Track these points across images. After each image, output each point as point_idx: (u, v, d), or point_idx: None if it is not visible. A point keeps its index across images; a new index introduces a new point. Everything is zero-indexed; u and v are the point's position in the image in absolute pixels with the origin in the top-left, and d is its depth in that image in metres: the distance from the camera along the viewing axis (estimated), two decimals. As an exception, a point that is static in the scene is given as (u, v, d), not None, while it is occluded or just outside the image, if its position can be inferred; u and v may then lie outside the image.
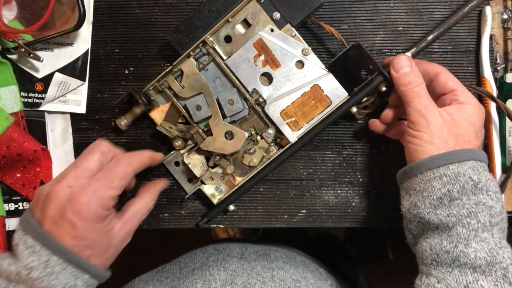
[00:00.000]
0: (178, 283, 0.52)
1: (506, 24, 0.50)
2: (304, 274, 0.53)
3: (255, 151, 0.50)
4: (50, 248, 0.38)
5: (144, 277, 0.57)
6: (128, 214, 0.44)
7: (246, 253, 0.56)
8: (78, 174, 0.41)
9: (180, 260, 0.58)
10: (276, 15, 0.46)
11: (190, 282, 0.50)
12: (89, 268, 0.40)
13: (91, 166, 0.42)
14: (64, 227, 0.39)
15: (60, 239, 0.39)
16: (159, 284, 0.53)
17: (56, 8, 0.50)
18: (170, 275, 0.55)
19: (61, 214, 0.39)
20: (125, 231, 0.44)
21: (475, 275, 0.36)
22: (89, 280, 0.41)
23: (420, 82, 0.42)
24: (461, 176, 0.39)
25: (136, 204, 0.46)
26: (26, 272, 0.38)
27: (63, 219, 0.39)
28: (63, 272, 0.39)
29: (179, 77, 0.49)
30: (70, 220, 0.39)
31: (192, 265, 0.55)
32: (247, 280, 0.50)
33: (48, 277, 0.38)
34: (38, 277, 0.38)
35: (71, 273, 0.39)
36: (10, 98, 0.51)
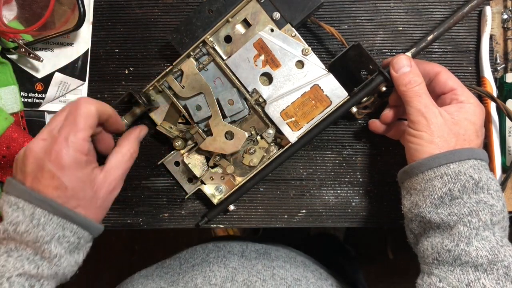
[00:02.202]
0: (178, 278, 0.52)
1: (506, 24, 0.50)
2: (304, 274, 0.53)
3: (255, 151, 0.50)
4: (33, 202, 0.39)
5: (144, 272, 0.57)
6: (108, 164, 0.44)
7: (247, 251, 0.56)
8: (50, 129, 0.41)
9: (180, 256, 0.58)
10: (276, 15, 0.46)
11: (190, 278, 0.51)
12: (76, 218, 0.40)
13: (61, 121, 0.41)
14: (45, 179, 0.39)
15: (43, 193, 0.39)
16: (159, 279, 0.53)
17: (56, 8, 0.50)
18: (170, 271, 0.55)
19: (39, 167, 0.39)
20: (109, 181, 0.43)
21: (476, 274, 0.37)
22: (79, 231, 0.40)
23: (420, 82, 0.42)
24: (462, 175, 0.39)
25: (116, 153, 0.45)
26: (12, 227, 0.38)
27: (42, 171, 0.39)
28: (49, 223, 0.39)
29: (179, 77, 0.49)
30: (49, 170, 0.39)
31: (192, 261, 0.55)
32: (247, 277, 0.50)
33: (35, 229, 0.38)
34: (25, 230, 0.38)
35: (58, 224, 0.39)
36: (10, 98, 0.51)
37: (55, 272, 0.39)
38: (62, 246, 0.39)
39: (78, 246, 0.41)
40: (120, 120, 0.48)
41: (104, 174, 0.43)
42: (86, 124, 0.41)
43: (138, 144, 0.48)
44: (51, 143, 0.40)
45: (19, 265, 0.37)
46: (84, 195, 0.41)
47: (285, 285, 0.50)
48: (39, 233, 0.38)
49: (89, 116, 0.41)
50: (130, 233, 1.34)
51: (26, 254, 0.38)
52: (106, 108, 0.44)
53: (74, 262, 0.41)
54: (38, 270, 0.38)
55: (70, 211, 0.40)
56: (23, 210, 0.39)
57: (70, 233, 0.40)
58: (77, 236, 0.40)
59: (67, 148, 0.39)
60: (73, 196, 0.40)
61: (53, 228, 0.39)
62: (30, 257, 0.38)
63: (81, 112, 0.41)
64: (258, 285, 0.49)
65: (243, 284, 0.49)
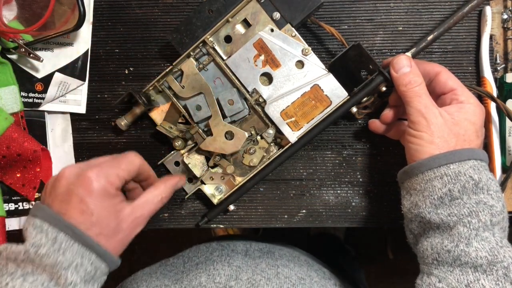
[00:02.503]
0: (182, 277, 0.52)
1: (506, 24, 0.50)
2: (308, 273, 0.54)
3: (255, 151, 0.50)
4: (58, 226, 0.39)
5: (147, 270, 0.57)
6: (138, 201, 0.44)
7: (250, 250, 0.56)
8: (89, 161, 0.43)
9: (183, 255, 0.58)
10: (276, 15, 0.46)
11: (194, 276, 0.51)
12: (96, 247, 0.40)
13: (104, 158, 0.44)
14: (72, 203, 0.39)
15: (68, 216, 0.39)
16: (163, 277, 0.53)
17: (56, 8, 0.50)
18: (173, 269, 0.55)
19: (69, 190, 0.40)
20: (134, 217, 0.43)
21: (476, 274, 0.36)
22: (97, 262, 0.40)
23: (420, 82, 0.42)
24: (461, 176, 0.39)
25: (148, 192, 0.45)
26: (34, 249, 0.38)
27: (71, 195, 0.40)
28: (69, 249, 0.38)
29: (179, 77, 0.49)
30: (78, 194, 0.39)
31: (196, 260, 0.55)
32: (251, 276, 0.50)
33: (55, 254, 0.38)
34: (46, 254, 0.38)
35: (77, 251, 0.39)
36: (10, 98, 0.51)
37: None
38: (79, 275, 0.39)
39: (94, 277, 0.41)
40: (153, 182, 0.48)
41: (131, 208, 0.43)
42: (126, 167, 0.43)
43: (172, 192, 0.47)
44: (85, 170, 0.41)
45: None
46: (107, 224, 0.41)
47: (289, 283, 0.50)
48: (59, 258, 0.38)
49: (131, 163, 0.43)
50: (130, 233, 1.34)
51: (41, 280, 0.38)
52: (148, 168, 0.46)
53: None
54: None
55: (91, 240, 0.39)
56: (46, 233, 0.39)
57: (88, 262, 0.40)
58: (94, 266, 0.40)
59: (100, 176, 0.40)
60: (97, 223, 0.40)
61: (73, 255, 0.39)
62: (45, 283, 0.38)
63: (126, 158, 0.44)
64: (262, 283, 0.49)
65: (248, 283, 0.49)
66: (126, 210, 0.42)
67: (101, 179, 0.40)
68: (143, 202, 0.44)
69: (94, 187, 0.40)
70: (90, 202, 0.39)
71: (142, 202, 0.44)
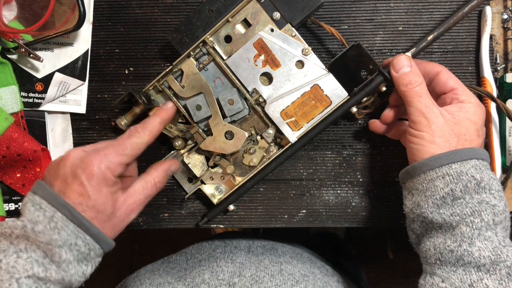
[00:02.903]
0: (185, 274, 0.52)
1: (506, 24, 0.50)
2: (311, 270, 0.54)
3: (255, 151, 0.50)
4: (56, 205, 0.40)
5: (149, 267, 0.57)
6: (132, 188, 0.45)
7: (253, 246, 0.56)
8: (96, 145, 0.44)
9: (186, 252, 0.58)
10: (276, 15, 0.46)
11: (197, 273, 0.51)
12: (91, 229, 0.41)
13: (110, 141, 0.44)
14: (73, 184, 0.40)
15: (67, 196, 0.40)
16: (165, 275, 0.53)
17: (56, 8, 0.50)
18: (176, 266, 0.55)
19: (72, 172, 0.41)
20: (128, 203, 0.44)
21: (479, 274, 0.37)
22: (91, 242, 0.41)
23: (421, 82, 0.42)
24: (463, 175, 0.39)
25: (141, 179, 0.46)
26: (31, 225, 0.39)
27: (73, 177, 0.41)
28: (65, 229, 0.39)
29: (179, 77, 0.49)
30: (79, 177, 0.40)
31: (199, 256, 0.55)
32: (255, 272, 0.50)
33: (51, 231, 0.39)
34: (41, 231, 0.39)
35: (72, 231, 0.40)
36: (10, 98, 0.51)
37: (62, 277, 0.39)
38: (72, 254, 0.40)
39: (88, 258, 0.42)
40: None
41: (125, 196, 0.44)
42: (131, 153, 0.43)
43: (166, 176, 0.47)
44: (90, 154, 0.42)
45: (28, 267, 0.38)
46: (103, 210, 0.41)
47: (293, 280, 0.50)
48: (53, 236, 0.39)
49: (136, 148, 0.44)
50: (130, 233, 1.34)
51: (35, 256, 0.38)
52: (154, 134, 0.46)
53: (82, 273, 0.42)
54: (46, 273, 0.38)
55: (87, 221, 0.40)
56: (44, 211, 0.40)
57: (82, 242, 0.40)
58: (88, 247, 0.41)
59: (102, 163, 0.41)
60: (93, 207, 0.41)
61: (68, 234, 0.40)
62: (39, 260, 0.38)
63: (132, 141, 0.44)
64: (266, 280, 0.49)
65: (251, 279, 0.49)
66: (121, 198, 0.43)
67: (103, 166, 0.41)
68: (137, 189, 0.45)
69: (95, 173, 0.41)
70: (88, 186, 0.40)
71: (135, 189, 0.45)
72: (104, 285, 1.32)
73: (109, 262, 1.31)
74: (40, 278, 0.38)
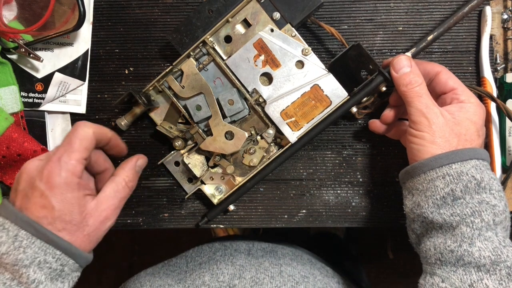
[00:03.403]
0: (185, 276, 0.52)
1: (506, 24, 0.50)
2: (311, 271, 0.54)
3: (255, 151, 0.50)
4: (19, 223, 0.38)
5: (150, 270, 0.57)
6: (102, 193, 0.43)
7: (253, 249, 0.57)
8: (49, 152, 0.42)
9: (186, 255, 0.58)
10: (276, 15, 0.46)
11: (198, 275, 0.51)
12: (60, 243, 0.38)
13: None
14: (34, 198, 0.39)
15: (30, 212, 0.38)
16: (166, 277, 0.53)
17: (56, 8, 0.50)
18: (176, 269, 0.55)
19: (31, 185, 0.39)
20: (101, 209, 0.41)
21: (479, 274, 0.37)
22: (63, 257, 0.39)
23: (421, 82, 0.42)
24: (464, 175, 0.39)
25: (110, 182, 0.44)
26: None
27: (33, 190, 0.39)
28: (31, 246, 0.37)
29: (179, 77, 0.49)
30: (39, 188, 0.38)
31: (199, 259, 0.55)
32: (255, 275, 0.50)
33: (15, 251, 0.37)
34: (5, 252, 0.37)
35: (40, 247, 0.38)
36: (10, 98, 0.51)
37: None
38: (43, 272, 0.38)
39: (62, 275, 0.39)
40: (121, 143, 0.47)
41: (96, 202, 0.42)
42: (81, 146, 0.40)
43: (135, 174, 0.46)
44: (45, 163, 0.40)
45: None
46: (71, 219, 0.39)
47: (293, 281, 0.50)
48: (19, 256, 0.37)
49: (85, 139, 0.41)
50: (130, 233, 1.34)
51: (3, 279, 0.37)
52: (105, 131, 0.44)
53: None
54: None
55: (53, 235, 0.38)
56: (7, 231, 0.38)
57: (52, 258, 0.38)
58: (60, 263, 0.39)
59: (59, 168, 0.39)
60: (59, 217, 0.39)
61: (34, 252, 0.37)
62: (6, 282, 0.37)
63: (78, 134, 0.41)
64: (266, 282, 0.49)
65: (251, 281, 0.49)
66: (91, 204, 0.41)
67: (62, 171, 0.39)
68: (108, 193, 0.43)
69: (55, 181, 0.39)
70: (51, 196, 0.38)
71: (106, 193, 0.43)
72: (104, 285, 1.32)
73: (109, 262, 1.31)
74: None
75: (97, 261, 1.17)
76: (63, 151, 0.40)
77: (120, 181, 0.44)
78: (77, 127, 0.41)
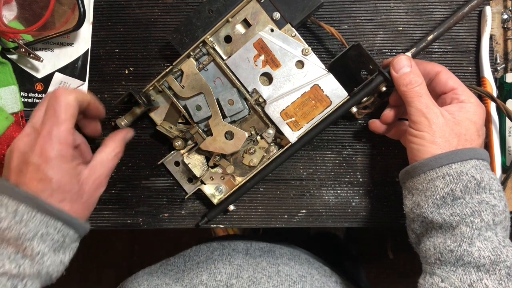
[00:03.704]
0: (183, 275, 0.52)
1: (506, 24, 0.50)
2: (309, 271, 0.54)
3: (255, 151, 0.50)
4: (17, 198, 0.38)
5: (148, 270, 0.57)
6: (94, 161, 0.44)
7: (251, 249, 0.57)
8: (32, 124, 0.41)
9: (184, 254, 0.58)
10: (276, 15, 0.46)
11: (195, 274, 0.51)
12: (61, 215, 0.39)
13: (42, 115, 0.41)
14: (30, 173, 0.39)
15: (27, 186, 0.39)
16: (163, 276, 0.53)
17: (56, 8, 0.50)
18: (174, 268, 0.55)
19: (24, 161, 0.39)
20: (94, 177, 0.43)
21: (479, 274, 0.37)
22: (64, 229, 0.40)
23: (421, 82, 0.42)
24: (464, 175, 0.39)
25: (100, 152, 0.45)
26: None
27: (27, 165, 0.39)
28: (32, 220, 0.38)
29: (179, 77, 0.49)
30: (34, 163, 0.39)
31: (197, 259, 0.55)
32: (252, 274, 0.50)
33: (18, 226, 0.37)
34: (7, 227, 0.37)
35: (41, 221, 0.38)
36: (10, 98, 0.51)
37: (37, 270, 0.38)
38: (46, 244, 0.39)
39: (64, 245, 0.41)
40: (99, 104, 0.47)
41: (89, 170, 0.43)
42: (67, 115, 0.40)
43: (123, 145, 0.47)
44: (35, 138, 0.40)
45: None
46: (70, 188, 0.40)
47: (290, 281, 0.50)
48: (21, 230, 0.38)
49: (69, 107, 0.41)
50: (130, 233, 1.34)
51: (6, 253, 0.37)
52: (84, 96, 0.44)
53: (59, 262, 0.41)
54: (19, 269, 0.37)
55: (54, 208, 0.39)
56: (6, 207, 0.38)
57: (54, 230, 0.39)
58: (62, 234, 0.40)
59: (51, 141, 0.39)
60: (59, 188, 0.39)
61: (36, 225, 0.38)
62: (11, 256, 0.37)
63: (61, 103, 0.40)
64: (263, 281, 0.49)
65: (249, 281, 0.49)
66: (85, 172, 0.42)
67: (54, 144, 0.39)
68: (99, 161, 0.44)
69: (50, 154, 0.39)
70: (48, 169, 0.39)
71: (98, 162, 0.44)
72: (104, 285, 1.33)
73: (109, 262, 1.31)
74: (14, 275, 0.37)
75: (97, 261, 1.17)
76: (51, 124, 0.40)
77: (110, 151, 0.45)
78: (58, 95, 0.41)
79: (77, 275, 1.30)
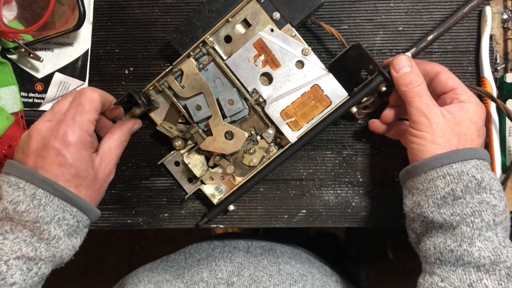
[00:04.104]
0: (184, 272, 0.52)
1: (506, 24, 0.50)
2: (310, 270, 0.54)
3: (255, 151, 0.50)
4: (35, 182, 0.39)
5: (148, 266, 0.57)
6: (102, 149, 0.45)
7: (252, 247, 0.57)
8: (54, 112, 0.42)
9: (185, 251, 0.58)
10: (276, 15, 0.46)
11: (196, 271, 0.51)
12: (77, 200, 0.40)
13: (66, 105, 0.43)
14: (50, 156, 0.39)
15: (46, 170, 0.39)
16: (164, 273, 0.53)
17: (56, 8, 0.50)
18: (175, 265, 0.55)
19: (44, 145, 0.40)
20: (104, 164, 0.44)
21: (479, 274, 0.37)
22: (79, 214, 0.41)
23: (421, 82, 0.42)
24: (464, 175, 0.39)
25: (107, 139, 0.46)
26: (12, 206, 0.38)
27: (48, 149, 0.40)
28: (50, 204, 0.39)
29: (179, 77, 0.49)
30: (55, 147, 0.39)
31: (197, 256, 0.55)
32: (253, 272, 0.50)
33: (36, 209, 0.38)
34: (25, 210, 0.38)
35: (58, 205, 0.39)
36: (10, 98, 0.51)
37: (52, 254, 0.39)
38: (62, 229, 0.40)
39: (77, 230, 0.42)
40: (120, 108, 0.49)
41: (99, 157, 0.44)
42: (92, 107, 0.42)
43: (129, 135, 0.49)
44: (57, 123, 0.41)
45: (16, 248, 0.37)
46: (86, 175, 0.41)
47: (291, 280, 0.50)
48: (40, 214, 0.38)
49: (94, 101, 0.43)
50: (130, 233, 1.34)
51: (22, 236, 0.38)
52: (108, 97, 0.46)
53: (72, 246, 0.41)
54: (36, 252, 0.38)
55: (71, 193, 0.40)
56: (24, 190, 0.39)
57: (70, 215, 0.40)
58: (76, 219, 0.41)
59: (74, 126, 0.40)
60: (77, 174, 0.40)
61: (54, 210, 0.39)
62: (27, 239, 0.38)
63: (86, 97, 0.42)
64: (264, 279, 0.49)
65: (250, 279, 0.49)
66: (97, 159, 0.44)
67: (76, 130, 0.40)
68: (107, 149, 0.45)
69: (71, 139, 0.40)
70: (68, 154, 0.40)
71: (106, 149, 0.45)
72: (104, 285, 1.32)
73: (109, 262, 1.31)
74: (30, 258, 0.38)
75: (97, 261, 1.17)
76: (75, 112, 0.41)
77: (116, 138, 0.46)
78: (83, 91, 0.43)
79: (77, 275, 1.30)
